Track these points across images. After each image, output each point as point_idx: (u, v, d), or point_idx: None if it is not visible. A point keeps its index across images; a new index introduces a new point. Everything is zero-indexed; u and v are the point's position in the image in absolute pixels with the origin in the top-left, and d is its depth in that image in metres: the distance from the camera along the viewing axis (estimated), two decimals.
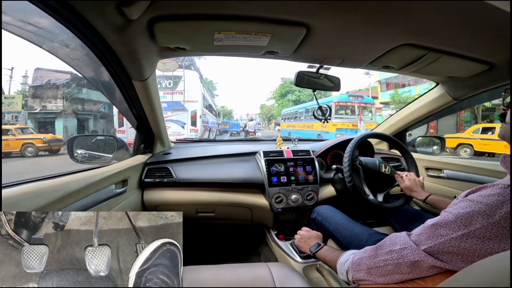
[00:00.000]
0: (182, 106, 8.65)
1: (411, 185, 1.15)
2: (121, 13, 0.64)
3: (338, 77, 1.31)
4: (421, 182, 1.18)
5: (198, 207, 1.41)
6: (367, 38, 0.86)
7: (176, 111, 8.52)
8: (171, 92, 8.53)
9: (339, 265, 0.76)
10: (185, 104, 8.71)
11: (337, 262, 0.77)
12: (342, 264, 0.75)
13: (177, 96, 8.66)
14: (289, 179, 1.40)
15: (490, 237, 0.50)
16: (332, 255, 0.84)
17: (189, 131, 8.73)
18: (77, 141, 1.25)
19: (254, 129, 15.74)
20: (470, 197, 0.57)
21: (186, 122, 8.68)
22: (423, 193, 1.13)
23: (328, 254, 0.87)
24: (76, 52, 0.85)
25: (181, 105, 8.64)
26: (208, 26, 0.79)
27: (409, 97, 14.35)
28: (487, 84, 1.20)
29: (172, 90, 8.60)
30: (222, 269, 0.86)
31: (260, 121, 45.60)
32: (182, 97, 8.69)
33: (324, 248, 0.93)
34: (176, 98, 8.64)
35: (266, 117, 43.84)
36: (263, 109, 46.44)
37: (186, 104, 8.72)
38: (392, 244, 0.63)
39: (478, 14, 0.67)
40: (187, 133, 8.61)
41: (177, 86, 8.66)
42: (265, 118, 44.52)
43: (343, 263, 0.74)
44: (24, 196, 0.64)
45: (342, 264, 0.74)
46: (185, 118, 8.67)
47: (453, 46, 0.89)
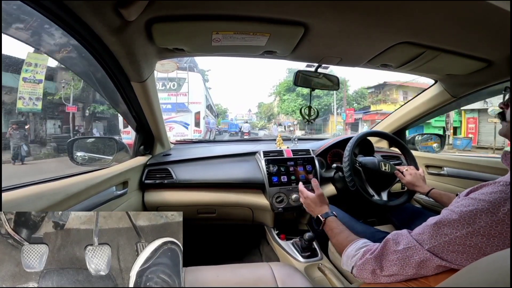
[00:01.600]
0: (186, 108, 8.84)
1: (412, 179, 1.15)
2: (118, 15, 0.64)
3: (337, 76, 1.31)
4: (421, 175, 1.17)
5: (199, 208, 1.41)
6: (365, 36, 0.86)
7: (180, 112, 8.74)
8: (176, 94, 8.76)
9: (345, 257, 0.74)
10: (189, 106, 8.91)
11: (344, 251, 0.75)
12: (348, 257, 0.73)
13: (181, 97, 8.85)
14: (290, 179, 1.40)
15: (495, 234, 0.50)
16: (341, 236, 0.81)
17: (193, 131, 8.91)
18: (76, 144, 1.24)
19: (248, 130, 18.81)
20: (472, 195, 0.56)
21: (190, 123, 8.87)
22: (425, 187, 1.13)
23: (337, 233, 0.83)
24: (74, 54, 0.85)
25: (185, 106, 8.84)
26: (206, 27, 0.79)
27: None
28: (485, 82, 1.20)
29: (176, 92, 8.82)
30: (224, 269, 0.86)
31: (258, 120, 45.27)
32: (186, 99, 8.88)
33: (335, 220, 0.88)
34: (180, 100, 8.84)
35: (265, 116, 42.24)
36: (262, 107, 44.50)
37: (190, 106, 8.91)
38: (396, 244, 0.62)
39: (475, 12, 0.67)
40: (190, 134, 8.80)
41: (181, 88, 8.85)
42: (264, 117, 42.75)
43: (350, 257, 0.72)
44: (25, 198, 0.64)
45: (349, 257, 0.73)
46: (189, 119, 8.87)
47: (451, 44, 0.89)
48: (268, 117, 41.82)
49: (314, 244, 1.29)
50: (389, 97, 19.90)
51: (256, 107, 49.75)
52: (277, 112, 35.09)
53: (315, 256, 1.24)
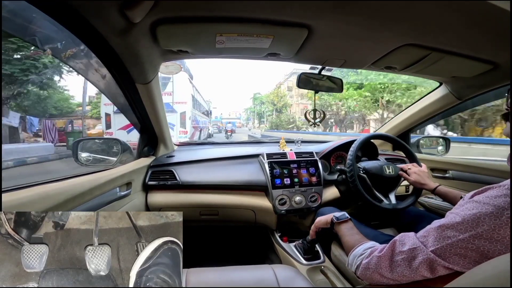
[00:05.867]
0: (171, 108, 8.59)
1: (417, 178, 1.13)
2: (123, 16, 0.65)
3: (341, 79, 1.31)
4: (426, 172, 1.16)
5: (202, 210, 1.41)
6: (369, 39, 0.86)
7: (166, 113, 8.53)
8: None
9: (352, 257, 0.74)
10: (174, 106, 8.68)
11: (351, 251, 0.75)
12: (355, 256, 0.73)
13: (165, 97, 8.46)
14: (293, 181, 1.39)
15: (498, 238, 0.49)
16: (352, 238, 0.81)
17: (179, 132, 8.69)
18: (81, 145, 1.25)
19: (231, 128, 21.49)
20: (476, 198, 0.56)
21: (175, 123, 8.62)
22: (431, 184, 1.11)
23: (349, 235, 0.83)
24: (79, 55, 0.86)
25: (170, 106, 8.57)
26: (210, 29, 0.79)
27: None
28: (491, 84, 1.19)
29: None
30: (226, 271, 0.86)
31: (250, 118, 44.31)
32: (171, 99, 8.64)
33: (349, 223, 0.88)
34: (165, 100, 8.47)
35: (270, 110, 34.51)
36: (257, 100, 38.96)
37: (175, 106, 8.69)
38: (402, 245, 0.62)
39: (480, 14, 0.66)
40: (176, 135, 8.58)
41: (165, 88, 8.58)
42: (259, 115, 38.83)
43: (356, 256, 0.72)
44: (30, 198, 0.64)
45: (355, 257, 0.72)
46: (174, 120, 8.62)
47: (456, 46, 0.89)
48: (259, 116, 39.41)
49: (317, 247, 1.29)
50: None
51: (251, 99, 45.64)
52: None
53: (317, 259, 1.23)
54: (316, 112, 1.32)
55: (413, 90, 10.45)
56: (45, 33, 0.75)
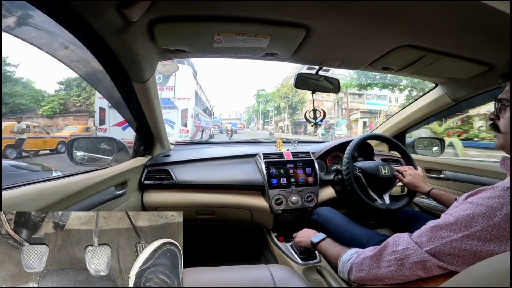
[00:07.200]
0: (172, 104, 7.96)
1: (412, 180, 1.14)
2: (121, 15, 0.64)
3: (337, 79, 1.31)
4: (421, 175, 1.17)
5: (198, 209, 1.41)
6: (366, 39, 0.86)
7: (165, 109, 7.39)
8: (160, 88, 7.56)
9: (341, 263, 0.75)
10: (175, 102, 8.01)
11: (339, 259, 0.77)
12: (344, 262, 0.74)
13: (166, 92, 7.89)
14: (289, 181, 1.40)
15: (490, 238, 0.50)
16: (335, 250, 0.84)
17: (179, 131, 8.03)
18: (76, 143, 1.24)
19: (231, 128, 22.17)
20: (470, 200, 0.57)
21: (176, 121, 7.99)
22: (425, 187, 1.12)
23: (331, 248, 0.86)
24: (75, 54, 0.85)
25: (170, 102, 7.94)
26: (207, 28, 0.79)
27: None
28: (486, 85, 1.20)
29: (161, 86, 7.75)
30: (223, 271, 0.86)
31: (253, 117, 43.80)
32: (172, 94, 7.96)
33: (326, 240, 0.92)
34: (166, 95, 7.81)
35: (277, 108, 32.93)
36: (261, 97, 37.36)
37: (177, 102, 8.02)
38: (395, 245, 0.63)
39: (477, 15, 0.67)
40: (176, 134, 7.92)
41: (167, 81, 7.93)
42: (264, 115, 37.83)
43: (345, 262, 0.74)
44: (25, 197, 0.64)
45: (344, 262, 0.74)
46: (175, 117, 7.99)
47: (452, 47, 0.89)
48: (264, 116, 38.65)
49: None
50: None
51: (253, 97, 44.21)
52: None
53: (313, 259, 1.24)
54: (316, 112, 1.32)
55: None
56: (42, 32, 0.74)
